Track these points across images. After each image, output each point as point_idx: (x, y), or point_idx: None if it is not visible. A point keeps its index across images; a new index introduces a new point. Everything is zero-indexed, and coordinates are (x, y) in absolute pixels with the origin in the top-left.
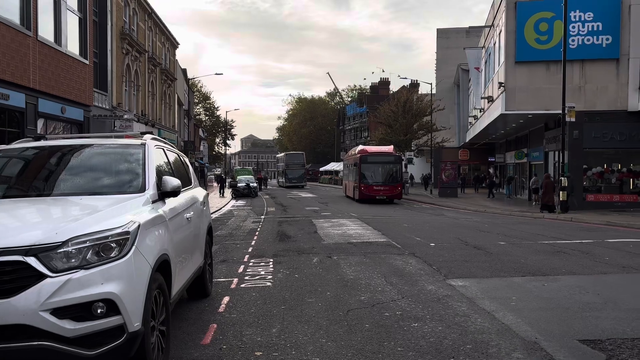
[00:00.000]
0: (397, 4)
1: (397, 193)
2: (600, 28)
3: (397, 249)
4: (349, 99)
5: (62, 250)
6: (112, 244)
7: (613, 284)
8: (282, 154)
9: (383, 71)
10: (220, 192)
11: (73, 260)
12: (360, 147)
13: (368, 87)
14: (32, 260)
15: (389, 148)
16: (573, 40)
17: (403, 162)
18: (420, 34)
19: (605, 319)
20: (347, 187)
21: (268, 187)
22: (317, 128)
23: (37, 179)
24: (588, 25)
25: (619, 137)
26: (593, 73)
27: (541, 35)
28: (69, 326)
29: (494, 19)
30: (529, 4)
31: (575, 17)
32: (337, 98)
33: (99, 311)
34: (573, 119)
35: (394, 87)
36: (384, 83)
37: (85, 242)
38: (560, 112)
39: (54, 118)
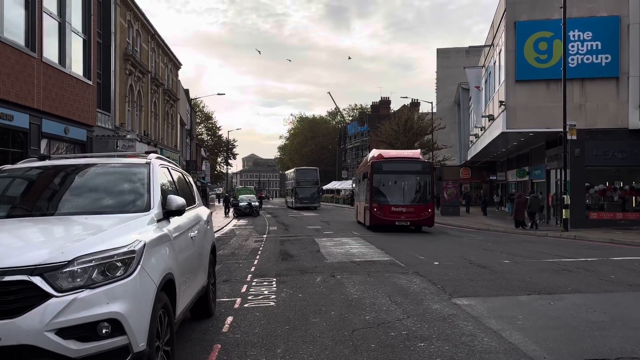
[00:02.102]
0: (397, 24)
1: (426, 217)
2: (600, 47)
3: (401, 268)
4: (350, 118)
5: (67, 269)
6: (117, 263)
7: (620, 303)
8: (292, 169)
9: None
10: (225, 211)
11: (78, 280)
12: (375, 151)
13: (369, 106)
14: (37, 280)
15: (414, 152)
16: (572, 59)
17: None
18: (420, 54)
19: (614, 338)
20: (357, 210)
21: (268, 205)
22: (318, 147)
23: (41, 198)
24: (587, 45)
25: (620, 154)
26: (593, 91)
27: (541, 55)
28: (74, 347)
29: (494, 38)
30: (528, 23)
31: (574, 36)
32: (339, 117)
33: (104, 331)
34: (574, 137)
35: (394, 106)
36: (385, 102)
37: (90, 261)
38: (562, 130)
39: (57, 138)
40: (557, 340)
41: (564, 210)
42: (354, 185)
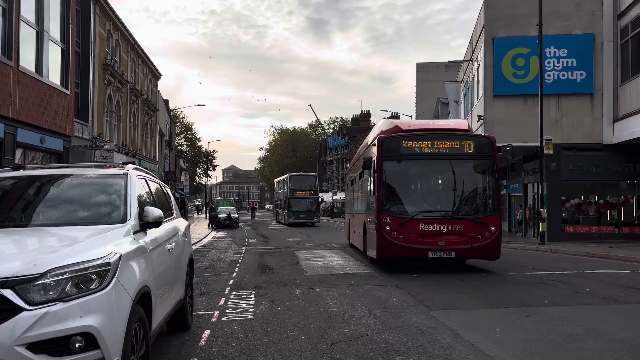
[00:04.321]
0: (377, 38)
1: (486, 242)
2: (575, 64)
3: (380, 280)
4: (331, 131)
5: (40, 282)
6: (92, 276)
7: (595, 315)
8: (284, 176)
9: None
10: (209, 224)
11: (51, 293)
12: (385, 122)
13: (349, 118)
14: (8, 293)
15: (458, 122)
16: (549, 75)
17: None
18: (399, 67)
19: (589, 350)
20: (350, 228)
21: (248, 217)
22: (299, 159)
23: (15, 209)
24: (563, 61)
25: (595, 169)
26: (569, 107)
27: (518, 70)
28: None
29: (473, 53)
30: (506, 39)
31: (550, 53)
32: (319, 129)
33: (77, 345)
34: (551, 152)
35: (375, 119)
36: (365, 115)
37: (64, 273)
38: (538, 144)
39: (33, 148)
40: (534, 352)
41: (541, 223)
42: (333, 197)
